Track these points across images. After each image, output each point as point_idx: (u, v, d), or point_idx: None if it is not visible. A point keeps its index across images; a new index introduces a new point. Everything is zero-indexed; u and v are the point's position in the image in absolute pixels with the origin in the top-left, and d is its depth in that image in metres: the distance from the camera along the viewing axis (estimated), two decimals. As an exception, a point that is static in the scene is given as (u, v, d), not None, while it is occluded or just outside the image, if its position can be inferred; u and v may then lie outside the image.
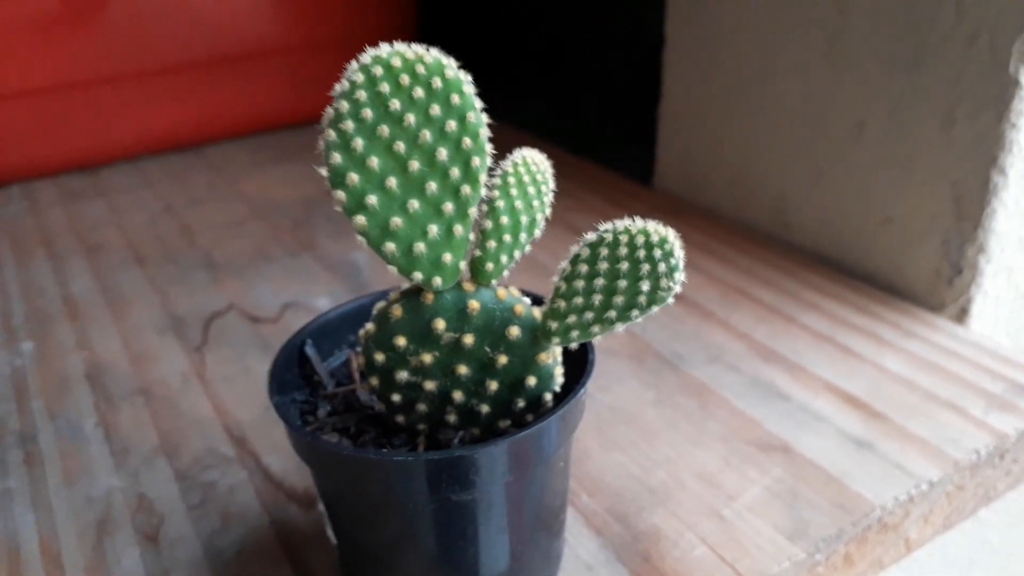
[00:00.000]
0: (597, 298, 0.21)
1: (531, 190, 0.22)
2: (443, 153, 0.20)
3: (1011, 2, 0.34)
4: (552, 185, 0.23)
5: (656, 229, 0.19)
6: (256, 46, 0.66)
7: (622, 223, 0.20)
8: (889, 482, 0.29)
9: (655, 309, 0.20)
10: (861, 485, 0.29)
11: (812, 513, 0.28)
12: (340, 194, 0.19)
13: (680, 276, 0.20)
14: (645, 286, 0.20)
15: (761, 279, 0.44)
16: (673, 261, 0.20)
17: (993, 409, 0.33)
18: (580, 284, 0.21)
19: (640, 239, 0.20)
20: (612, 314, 0.20)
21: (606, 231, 0.20)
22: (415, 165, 0.19)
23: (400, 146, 0.19)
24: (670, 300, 0.20)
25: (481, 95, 0.20)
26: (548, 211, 0.22)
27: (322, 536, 0.28)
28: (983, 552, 0.31)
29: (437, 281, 0.21)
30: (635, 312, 0.20)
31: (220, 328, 0.42)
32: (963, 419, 0.33)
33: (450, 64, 0.19)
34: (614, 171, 0.60)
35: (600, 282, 0.20)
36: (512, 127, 0.70)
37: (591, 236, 0.21)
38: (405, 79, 0.19)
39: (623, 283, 0.20)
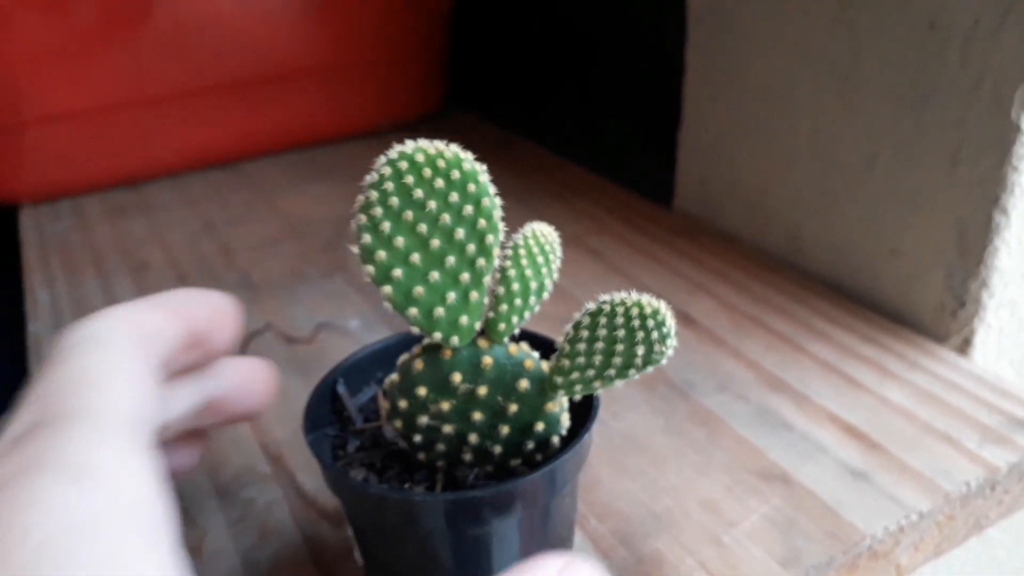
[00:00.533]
0: (597, 359, 0.23)
1: (540, 259, 0.24)
2: (460, 233, 0.22)
3: (1014, 51, 0.36)
4: (559, 253, 0.25)
5: (649, 302, 0.22)
6: (293, 66, 0.68)
7: (619, 295, 0.22)
8: (881, 512, 0.31)
9: (650, 369, 0.23)
10: (854, 515, 0.31)
11: (806, 541, 0.30)
12: (370, 268, 0.22)
13: (672, 342, 0.22)
14: (640, 350, 0.22)
15: (773, 306, 0.45)
16: (665, 330, 0.22)
17: (987, 442, 0.35)
18: (582, 347, 0.23)
19: (635, 310, 0.22)
20: (611, 372, 0.23)
21: (604, 302, 0.23)
22: (436, 243, 0.22)
23: (423, 228, 0.22)
24: (663, 361, 0.23)
25: (508, 113, 0.23)
26: (556, 276, 0.25)
27: (350, 555, 0.30)
28: (990, 570, 0.32)
29: (454, 340, 0.24)
30: (632, 371, 0.23)
31: (257, 347, 0.44)
32: (957, 452, 0.34)
33: (467, 158, 0.22)
34: (634, 192, 0.61)
35: (600, 345, 0.23)
36: (537, 147, 0.72)
37: (591, 306, 0.23)
38: (427, 172, 0.22)
39: (620, 347, 0.22)
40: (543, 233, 0.25)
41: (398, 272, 0.22)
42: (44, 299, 0.50)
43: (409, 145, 0.22)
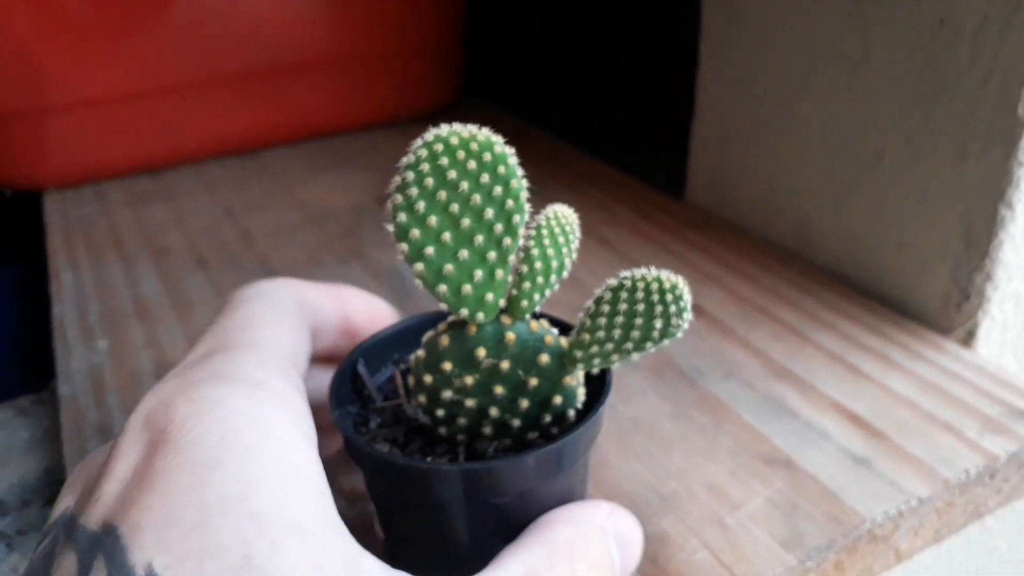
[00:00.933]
0: (617, 332, 0.24)
1: (560, 239, 0.26)
2: (489, 212, 0.24)
3: (1022, 48, 0.37)
4: (578, 234, 0.26)
5: (668, 277, 0.23)
6: (311, 56, 0.69)
7: (639, 271, 0.24)
8: (882, 497, 0.32)
9: (666, 342, 0.24)
10: (855, 500, 0.32)
11: (807, 524, 0.31)
12: (403, 246, 0.24)
13: (688, 316, 0.24)
14: (658, 324, 0.24)
15: (781, 297, 0.46)
16: (682, 303, 0.24)
17: (988, 432, 0.35)
18: (603, 320, 0.25)
19: (655, 285, 0.23)
20: (629, 346, 0.24)
21: (626, 278, 0.24)
22: (466, 222, 0.24)
23: (455, 207, 0.23)
24: (679, 335, 0.24)
25: (523, 104, 0.24)
26: (575, 256, 0.26)
27: (370, 529, 0.31)
28: (991, 559, 0.33)
29: (480, 316, 0.25)
30: (649, 344, 0.24)
31: (276, 331, 0.45)
32: (958, 440, 0.35)
33: (498, 141, 0.23)
34: (646, 183, 0.62)
35: (620, 319, 0.24)
36: (552, 137, 0.73)
37: (612, 281, 0.24)
38: (461, 154, 0.23)
39: (639, 320, 0.24)
40: (564, 215, 0.26)
41: (430, 250, 0.23)
42: (68, 281, 0.52)
43: (444, 128, 0.23)
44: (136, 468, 0.20)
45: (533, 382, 0.26)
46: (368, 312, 0.31)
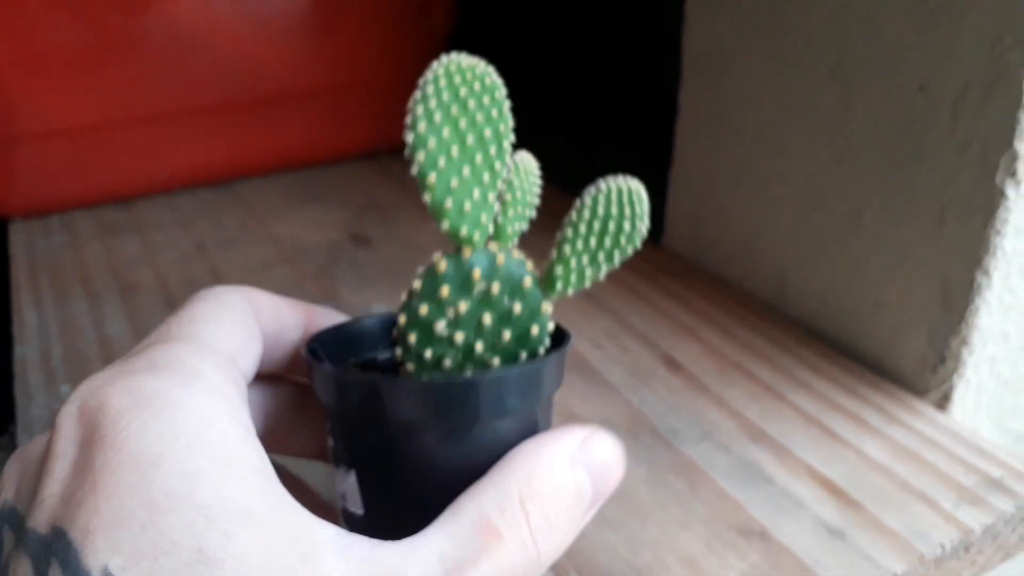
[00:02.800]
0: (593, 240, 0.27)
1: (530, 178, 0.28)
2: (488, 132, 0.25)
3: (1001, 118, 0.37)
4: (539, 183, 0.29)
5: (628, 182, 0.27)
6: (290, 87, 0.69)
7: (610, 180, 0.27)
8: (857, 573, 0.32)
9: (630, 251, 0.27)
10: (831, 575, 0.32)
11: (783, 603, 0.30)
12: (420, 155, 0.25)
13: (646, 221, 0.27)
14: (626, 227, 0.26)
15: (758, 353, 0.46)
16: (640, 209, 0.27)
17: (963, 503, 0.35)
18: (582, 228, 0.27)
19: (624, 187, 0.26)
20: (601, 256, 0.27)
21: (592, 189, 0.27)
22: (471, 140, 0.25)
23: (463, 123, 0.25)
24: (639, 243, 0.27)
25: None
26: (537, 200, 0.28)
27: None
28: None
29: (476, 235, 0.26)
30: (617, 254, 0.27)
31: (245, 378, 0.44)
32: (934, 512, 0.35)
33: (492, 71, 0.26)
34: (626, 227, 0.62)
35: (597, 226, 0.26)
36: (531, 174, 0.72)
37: (592, 189, 0.27)
38: (469, 75, 0.25)
39: (612, 225, 0.26)
40: (528, 160, 0.29)
41: (442, 161, 0.25)
42: (31, 320, 0.50)
43: (453, 55, 0.25)
44: (75, 466, 0.20)
45: (517, 308, 0.26)
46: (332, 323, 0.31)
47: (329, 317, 0.31)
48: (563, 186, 0.69)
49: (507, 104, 0.26)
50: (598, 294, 0.53)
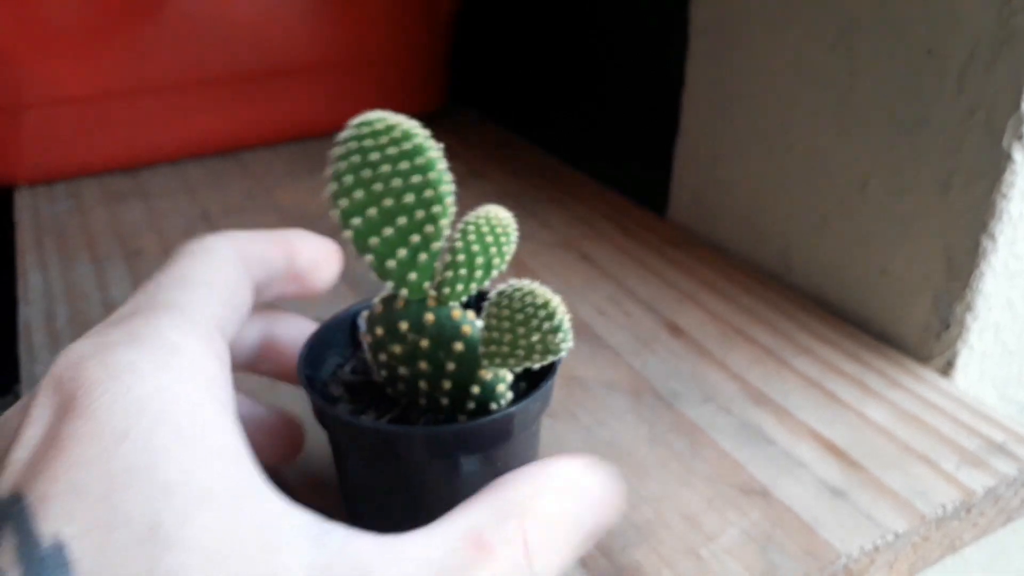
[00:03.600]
0: (507, 337, 0.26)
1: (489, 239, 0.27)
2: (410, 198, 0.25)
3: (1008, 81, 0.36)
4: (513, 238, 0.27)
5: (543, 293, 0.25)
6: (297, 59, 0.69)
7: (519, 282, 0.25)
8: (858, 531, 0.32)
9: (552, 358, 0.26)
10: (831, 533, 0.32)
11: (782, 557, 0.31)
12: (334, 212, 0.26)
13: (567, 337, 0.25)
14: (536, 337, 0.25)
15: (761, 319, 0.46)
16: (556, 322, 0.25)
17: (965, 465, 0.35)
18: (495, 323, 0.26)
19: (528, 299, 0.25)
20: (520, 353, 0.26)
21: (505, 289, 0.26)
22: (388, 203, 0.25)
23: (378, 187, 0.25)
24: (563, 354, 0.26)
25: (509, 115, 0.26)
26: (508, 258, 0.27)
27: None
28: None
29: (403, 292, 0.27)
30: (536, 356, 0.26)
31: (249, 340, 0.44)
32: (935, 473, 0.35)
33: (422, 132, 0.25)
34: (630, 199, 0.62)
35: (507, 325, 0.26)
36: (537, 149, 0.72)
37: (502, 286, 0.26)
38: (384, 139, 0.25)
39: (522, 330, 0.26)
40: (498, 216, 0.27)
41: (357, 221, 0.25)
42: (36, 282, 0.51)
43: (374, 113, 0.25)
44: (46, 434, 0.20)
45: (451, 366, 0.27)
46: (314, 253, 0.30)
47: (308, 242, 0.31)
48: (569, 160, 0.70)
49: (437, 167, 0.25)
50: (601, 262, 0.53)
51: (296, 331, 0.32)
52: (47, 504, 0.18)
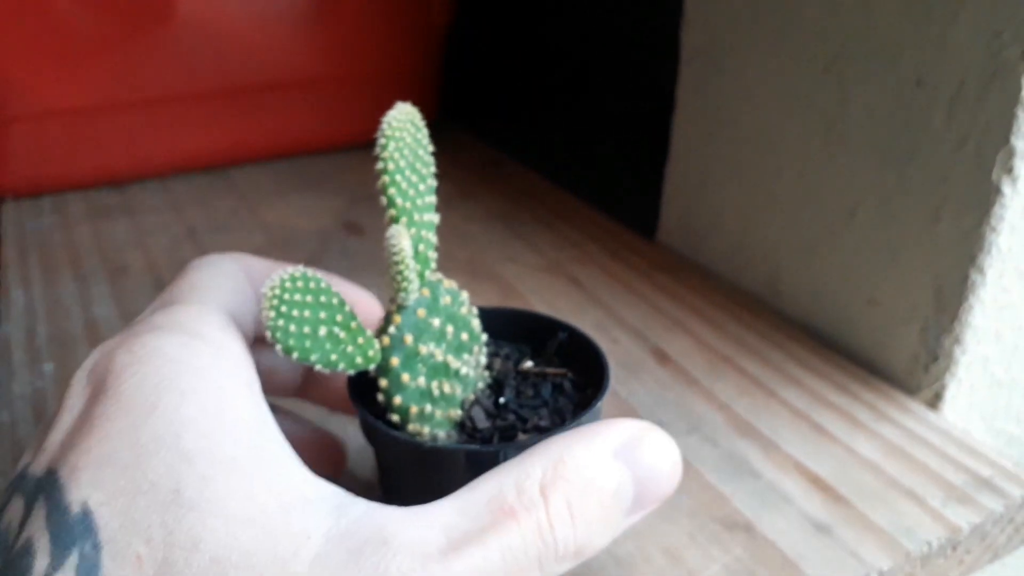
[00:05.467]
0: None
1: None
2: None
3: (998, 114, 0.36)
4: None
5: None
6: (287, 75, 0.68)
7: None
8: (842, 569, 0.31)
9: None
10: (815, 570, 0.31)
11: (765, 596, 0.30)
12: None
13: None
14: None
15: (749, 348, 0.45)
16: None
17: (951, 501, 0.35)
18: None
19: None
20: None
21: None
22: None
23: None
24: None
25: (500, 134, 0.28)
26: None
27: None
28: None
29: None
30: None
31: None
32: (921, 509, 0.34)
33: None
34: (619, 222, 0.62)
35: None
36: (526, 169, 0.72)
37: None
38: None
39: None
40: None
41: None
42: (19, 299, 0.50)
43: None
44: (79, 418, 0.21)
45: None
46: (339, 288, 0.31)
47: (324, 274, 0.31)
48: (558, 182, 0.69)
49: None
50: (589, 286, 0.52)
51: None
52: (77, 474, 0.20)
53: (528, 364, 0.30)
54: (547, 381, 0.30)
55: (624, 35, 0.61)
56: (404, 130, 0.27)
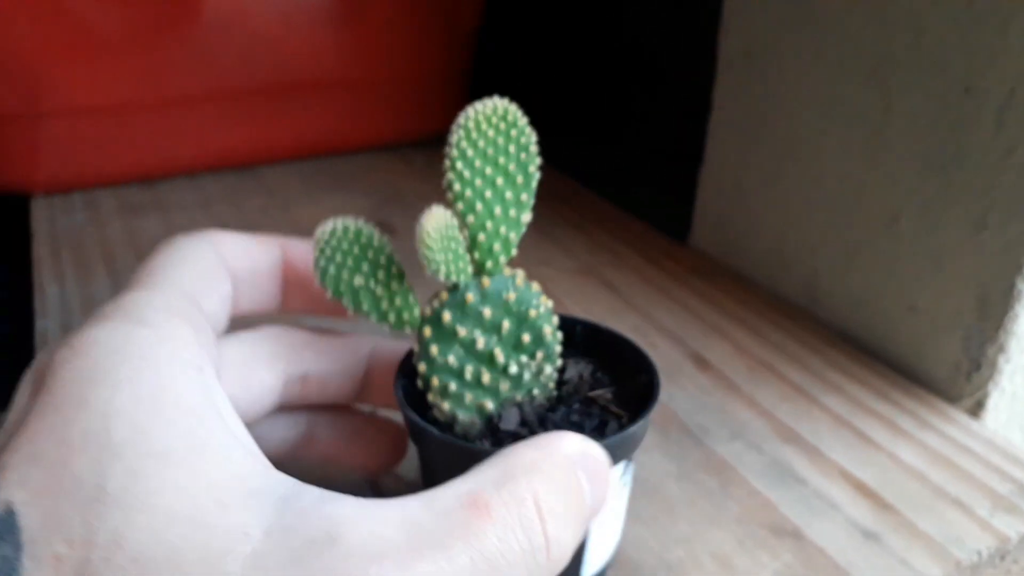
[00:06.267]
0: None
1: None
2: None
3: (1047, 121, 0.36)
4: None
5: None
6: (317, 75, 0.68)
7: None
8: (893, 577, 0.31)
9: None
10: (867, 578, 0.31)
11: (818, 603, 0.30)
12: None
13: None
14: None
15: (788, 355, 0.45)
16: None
17: (999, 510, 0.35)
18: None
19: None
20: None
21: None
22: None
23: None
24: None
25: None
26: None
27: None
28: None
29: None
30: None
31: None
32: (969, 518, 0.34)
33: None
34: (652, 226, 0.61)
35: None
36: (558, 173, 0.72)
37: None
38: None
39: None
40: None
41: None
42: (53, 295, 0.50)
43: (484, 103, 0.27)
44: (19, 417, 0.21)
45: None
46: (307, 253, 0.31)
47: (304, 246, 0.31)
48: (589, 184, 0.69)
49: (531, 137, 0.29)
50: (624, 290, 0.52)
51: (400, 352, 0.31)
52: (4, 473, 0.19)
53: (599, 392, 0.30)
54: (600, 415, 0.29)
55: (661, 37, 0.61)
56: (486, 122, 0.27)
